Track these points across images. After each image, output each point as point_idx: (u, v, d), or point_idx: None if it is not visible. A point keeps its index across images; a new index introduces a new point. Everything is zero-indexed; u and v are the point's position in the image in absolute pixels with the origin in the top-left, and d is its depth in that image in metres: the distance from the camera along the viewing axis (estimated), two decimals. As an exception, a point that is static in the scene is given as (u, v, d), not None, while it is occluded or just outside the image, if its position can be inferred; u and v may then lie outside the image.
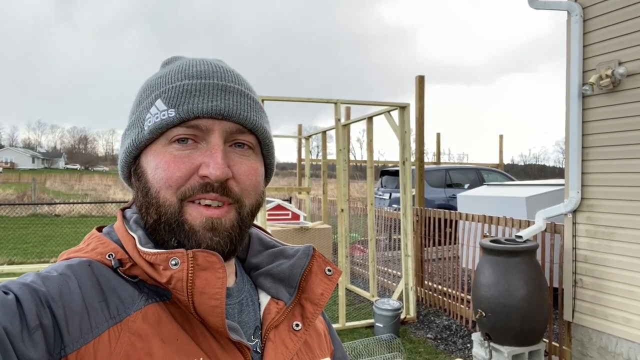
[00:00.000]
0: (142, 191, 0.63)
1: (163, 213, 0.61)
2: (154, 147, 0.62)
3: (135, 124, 0.65)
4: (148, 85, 0.67)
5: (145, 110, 0.63)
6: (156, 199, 0.61)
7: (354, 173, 19.00)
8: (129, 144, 0.64)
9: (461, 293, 5.19)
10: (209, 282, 0.57)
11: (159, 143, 0.62)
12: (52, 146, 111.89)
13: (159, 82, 0.65)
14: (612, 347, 3.56)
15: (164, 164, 0.60)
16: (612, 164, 3.58)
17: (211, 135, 0.61)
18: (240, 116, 0.62)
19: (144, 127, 0.62)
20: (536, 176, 50.51)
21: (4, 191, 21.84)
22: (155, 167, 0.61)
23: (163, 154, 0.61)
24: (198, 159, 0.60)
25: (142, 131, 0.62)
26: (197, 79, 0.62)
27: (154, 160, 0.62)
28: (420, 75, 6.05)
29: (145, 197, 0.62)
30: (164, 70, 0.68)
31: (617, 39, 3.51)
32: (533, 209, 4.56)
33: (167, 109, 0.60)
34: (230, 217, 0.62)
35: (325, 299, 0.71)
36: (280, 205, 7.71)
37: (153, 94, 0.64)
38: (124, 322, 0.56)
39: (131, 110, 0.68)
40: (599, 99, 3.66)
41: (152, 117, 0.61)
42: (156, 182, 0.61)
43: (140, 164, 0.64)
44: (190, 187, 0.60)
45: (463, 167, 12.56)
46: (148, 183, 0.62)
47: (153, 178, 0.61)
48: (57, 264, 0.60)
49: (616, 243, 3.53)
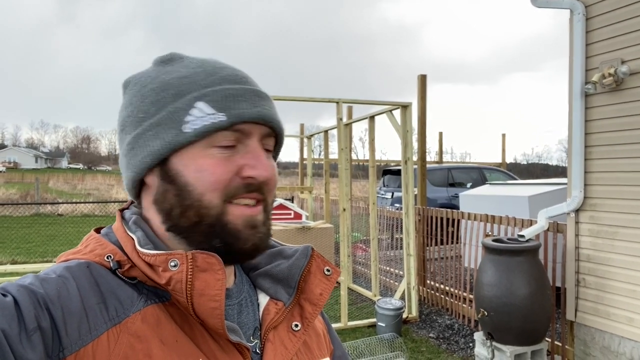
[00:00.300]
0: (176, 194, 0.62)
1: (206, 215, 0.61)
2: (191, 149, 0.61)
3: (166, 125, 0.62)
4: (168, 84, 0.63)
5: (180, 111, 0.61)
6: (199, 201, 0.60)
7: (356, 172, 18.99)
8: (162, 145, 0.61)
9: (463, 292, 5.18)
10: (208, 283, 0.57)
11: (198, 146, 0.61)
12: (55, 146, 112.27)
13: (187, 83, 0.63)
14: (615, 346, 3.55)
15: (210, 167, 0.60)
16: (615, 163, 3.56)
17: (250, 138, 0.63)
18: (274, 121, 0.65)
19: (183, 129, 0.60)
20: (539, 175, 50.40)
21: (7, 191, 21.91)
22: (199, 170, 0.60)
23: (206, 157, 0.61)
24: (240, 161, 0.62)
25: (182, 133, 0.60)
26: (235, 84, 0.63)
27: (194, 163, 0.61)
28: (422, 74, 6.03)
29: (183, 200, 0.61)
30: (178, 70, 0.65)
31: (620, 38, 3.50)
32: (535, 208, 4.55)
33: (215, 112, 0.60)
34: (262, 214, 0.65)
35: (324, 299, 0.70)
36: (282, 205, 7.71)
37: (188, 96, 0.62)
38: (123, 324, 0.56)
39: (141, 110, 0.64)
40: (601, 98, 3.64)
41: (197, 119, 0.60)
42: (200, 185, 0.60)
43: (172, 166, 0.62)
44: (234, 188, 0.61)
45: (465, 166, 12.55)
46: (189, 186, 0.61)
47: (197, 181, 0.60)
48: (56, 266, 0.60)
49: (619, 242, 3.52)
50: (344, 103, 5.20)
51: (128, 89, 0.67)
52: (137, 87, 0.66)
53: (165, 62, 0.67)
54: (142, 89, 0.65)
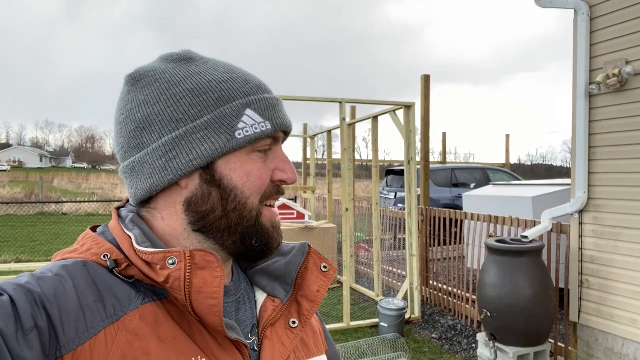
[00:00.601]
0: (221, 196, 0.63)
1: (247, 217, 0.64)
2: (237, 154, 0.63)
3: (216, 129, 0.62)
4: (206, 87, 0.63)
5: (231, 117, 0.62)
6: (244, 205, 0.64)
7: (359, 172, 18.96)
8: (212, 149, 0.61)
9: (466, 293, 5.17)
10: (206, 281, 0.57)
11: (244, 150, 0.64)
12: (59, 145, 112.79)
13: (228, 88, 0.63)
14: (618, 348, 3.53)
15: (257, 172, 0.64)
16: (619, 164, 3.55)
17: (277, 145, 0.68)
18: (291, 128, 0.70)
19: (237, 135, 0.62)
20: (543, 176, 50.22)
21: (12, 190, 22.02)
22: (247, 174, 0.64)
23: (252, 162, 0.64)
24: (271, 165, 0.66)
25: (234, 138, 0.62)
26: (269, 94, 0.67)
27: (242, 168, 0.64)
28: (426, 75, 6.02)
29: (228, 202, 0.63)
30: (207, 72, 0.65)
31: (625, 38, 3.48)
32: (539, 209, 4.54)
33: (263, 121, 0.64)
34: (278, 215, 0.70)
35: (322, 296, 0.71)
36: (285, 205, 7.71)
37: (235, 102, 0.63)
38: (121, 322, 0.56)
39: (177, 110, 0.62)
40: (606, 98, 3.63)
41: (249, 127, 0.63)
42: (247, 189, 0.64)
43: (218, 170, 0.63)
44: (269, 191, 0.66)
45: (469, 166, 12.51)
46: (237, 189, 0.63)
47: (244, 185, 0.63)
48: (52, 265, 0.59)
49: (623, 243, 3.50)
50: (347, 103, 5.20)
51: (143, 85, 0.64)
52: (161, 85, 0.63)
53: (185, 60, 0.66)
54: (173, 87, 0.63)
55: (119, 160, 0.68)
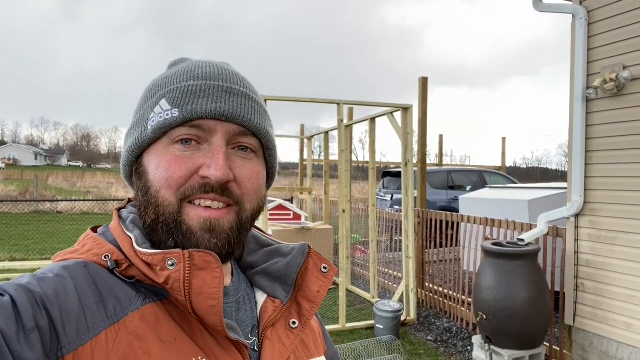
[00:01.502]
0: (142, 190, 0.63)
1: (161, 213, 0.61)
2: (156, 146, 0.63)
3: (139, 123, 0.65)
4: (153, 85, 0.67)
5: (149, 109, 0.63)
6: (155, 198, 0.61)
7: (355, 174, 18.98)
8: (132, 143, 0.64)
9: (462, 295, 5.18)
10: (206, 282, 0.57)
11: (162, 143, 0.62)
12: (55, 143, 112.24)
13: (164, 82, 0.65)
14: (613, 351, 3.55)
15: (165, 163, 0.61)
16: (615, 168, 3.56)
17: (214, 136, 0.61)
18: (244, 119, 0.62)
19: (147, 126, 0.62)
20: (539, 179, 50.43)
21: (7, 187, 21.89)
22: (157, 166, 0.61)
23: (165, 154, 0.61)
24: (200, 160, 0.61)
25: (146, 130, 0.62)
26: (202, 80, 0.62)
27: (155, 160, 0.62)
28: (424, 77, 6.04)
29: (145, 197, 0.62)
30: (170, 71, 0.68)
31: (622, 43, 3.50)
32: (535, 212, 4.55)
33: (171, 108, 0.61)
34: (230, 219, 0.62)
35: (322, 297, 0.71)
36: (281, 205, 7.71)
37: (158, 94, 0.64)
38: (122, 322, 0.55)
39: (136, 110, 0.68)
40: (603, 103, 3.64)
41: (156, 116, 0.62)
42: (157, 182, 0.61)
43: (142, 163, 0.64)
44: (189, 187, 0.60)
45: (465, 169, 12.55)
46: (149, 182, 0.62)
47: (154, 177, 0.61)
48: (53, 265, 0.59)
49: (619, 247, 3.51)
50: (344, 104, 5.20)
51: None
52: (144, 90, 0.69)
53: (171, 65, 0.70)
54: (143, 91, 0.69)
55: None
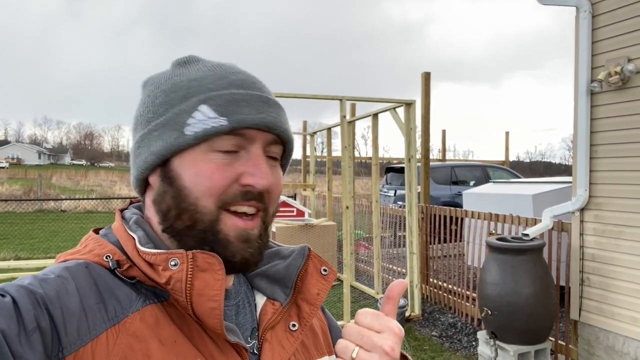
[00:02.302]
0: (172, 195, 0.62)
1: (199, 221, 0.60)
2: (192, 152, 0.61)
3: (170, 126, 0.62)
4: (177, 86, 0.64)
5: (185, 114, 0.61)
6: (194, 205, 0.60)
7: (358, 170, 18.94)
8: (163, 147, 0.62)
9: (467, 291, 5.17)
10: (207, 283, 0.57)
11: (199, 149, 0.61)
12: (58, 142, 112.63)
13: (195, 85, 0.63)
14: (619, 346, 3.53)
15: (207, 171, 0.60)
16: (620, 162, 3.54)
17: (253, 145, 0.62)
18: (280, 129, 0.64)
19: (185, 131, 0.60)
20: (542, 173, 50.28)
21: (11, 187, 21.98)
22: (197, 174, 0.60)
23: (205, 162, 0.60)
24: (240, 168, 0.61)
25: (183, 135, 0.60)
26: (242, 89, 0.62)
27: (193, 167, 0.61)
28: (426, 72, 6.01)
29: (179, 202, 0.61)
30: (190, 72, 0.65)
31: (627, 35, 3.47)
32: (540, 207, 4.53)
33: (217, 116, 0.60)
34: (258, 226, 0.64)
35: (322, 299, 0.70)
36: (285, 202, 7.70)
37: (193, 98, 0.62)
38: (122, 324, 0.56)
39: (151, 110, 0.65)
40: (607, 96, 3.62)
41: (199, 123, 0.60)
42: (196, 190, 0.60)
43: (172, 168, 0.62)
44: (230, 195, 0.61)
45: (469, 164, 12.52)
46: (185, 189, 0.61)
47: (193, 185, 0.60)
48: (54, 267, 0.60)
49: (624, 242, 3.49)
50: (347, 100, 5.18)
51: (144, 89, 0.68)
52: (152, 87, 0.66)
53: (181, 64, 0.68)
54: (155, 89, 0.66)
55: None
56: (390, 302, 0.61)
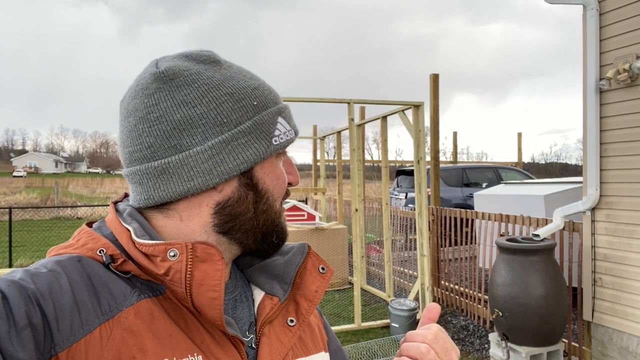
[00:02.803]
0: (254, 199, 0.66)
1: (272, 218, 0.68)
2: (269, 159, 0.67)
3: (257, 135, 0.64)
4: (244, 93, 0.64)
5: (268, 124, 0.66)
6: (272, 206, 0.68)
7: (370, 173, 18.91)
8: (255, 155, 0.63)
9: (478, 293, 5.13)
10: (207, 273, 0.57)
11: (273, 156, 0.68)
12: (74, 151, 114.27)
13: (261, 95, 0.66)
14: (633, 347, 3.48)
15: (282, 176, 0.69)
16: (631, 160, 3.49)
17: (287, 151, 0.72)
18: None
19: (272, 141, 0.66)
20: (558, 175, 49.53)
21: (28, 195, 22.38)
22: (277, 178, 0.68)
23: (278, 166, 0.69)
24: (283, 169, 0.71)
25: (272, 145, 0.66)
26: (284, 102, 0.71)
27: (273, 172, 0.68)
28: (435, 74, 6.00)
29: (259, 205, 0.66)
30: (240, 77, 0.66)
31: (635, 33, 3.43)
32: (551, 207, 4.48)
33: (291, 129, 0.69)
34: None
35: (320, 296, 0.71)
36: (295, 206, 7.73)
37: (271, 109, 0.67)
38: (116, 319, 0.55)
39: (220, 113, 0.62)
40: (616, 94, 3.58)
41: (282, 134, 0.67)
42: (276, 192, 0.68)
43: (255, 174, 0.66)
44: (284, 193, 0.71)
45: (480, 165, 12.42)
46: (268, 192, 0.67)
47: (274, 188, 0.68)
48: (46, 260, 0.58)
49: (636, 241, 3.44)
50: (355, 104, 5.20)
51: (178, 84, 0.62)
52: (201, 86, 0.62)
53: (214, 63, 0.66)
54: (213, 90, 0.63)
55: (139, 160, 0.63)
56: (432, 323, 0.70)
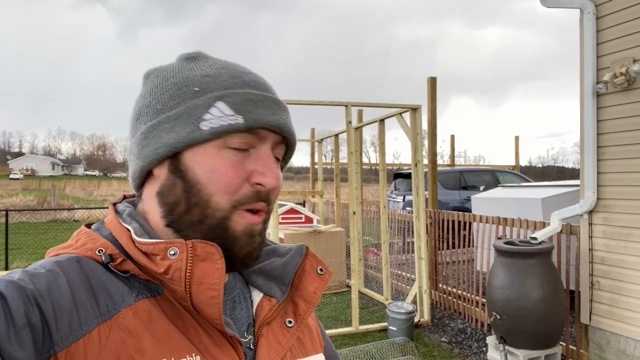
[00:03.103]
0: (184, 189, 0.62)
1: (210, 216, 0.61)
2: (206, 148, 0.61)
3: (184, 120, 0.62)
4: (190, 80, 0.64)
5: (200, 108, 0.62)
6: (207, 202, 0.61)
7: (368, 176, 18.92)
8: (176, 139, 0.62)
9: (476, 296, 5.13)
10: (207, 272, 0.57)
11: (213, 145, 0.61)
12: (71, 153, 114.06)
13: (209, 82, 0.63)
14: (630, 350, 3.48)
15: (223, 169, 0.61)
16: (628, 163, 3.51)
17: (264, 144, 0.63)
18: (290, 132, 0.66)
19: (202, 126, 0.61)
20: (555, 178, 49.66)
21: (25, 198, 22.32)
22: (212, 170, 0.61)
23: (220, 158, 0.61)
24: (250, 166, 0.62)
25: (199, 130, 0.61)
26: (257, 90, 0.64)
27: (208, 162, 0.61)
28: (432, 77, 6.02)
29: (190, 197, 0.62)
30: (201, 68, 0.66)
31: (632, 36, 3.45)
32: (549, 210, 4.49)
33: (234, 114, 0.61)
34: (262, 224, 0.65)
35: (318, 297, 0.71)
36: (293, 209, 7.72)
37: (209, 94, 0.62)
38: (114, 319, 0.55)
39: (160, 101, 0.64)
40: (613, 97, 3.59)
41: (216, 119, 0.61)
42: (211, 186, 0.61)
43: (184, 162, 0.62)
44: (244, 196, 0.62)
45: (478, 168, 12.44)
46: (199, 184, 0.61)
47: (208, 181, 0.61)
48: (45, 261, 0.59)
49: (633, 244, 3.45)
50: (353, 106, 5.20)
51: (149, 80, 0.67)
52: (158, 79, 0.66)
53: (190, 59, 0.68)
54: (164, 81, 0.65)
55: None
56: None
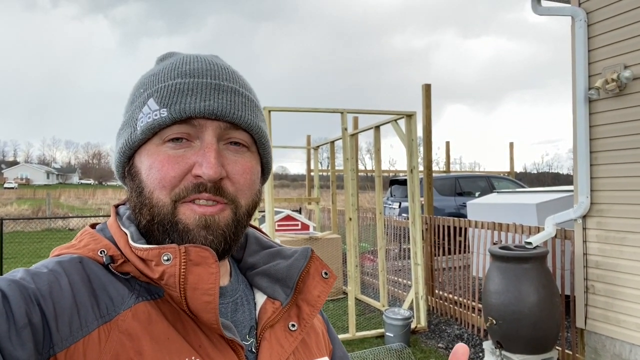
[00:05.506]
0: (135, 191, 0.62)
1: (157, 214, 0.60)
2: (147, 146, 0.61)
3: (129, 124, 0.63)
4: (141, 83, 0.65)
5: (137, 109, 0.62)
6: (149, 199, 0.60)
7: (364, 183, 18.96)
8: (123, 144, 0.63)
9: (472, 301, 5.14)
10: (201, 277, 0.57)
11: (153, 142, 0.61)
12: (66, 162, 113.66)
13: (151, 80, 0.64)
14: (626, 354, 3.50)
15: (158, 164, 0.60)
16: (621, 168, 3.54)
17: (204, 133, 0.60)
18: (234, 115, 0.61)
19: (137, 127, 0.61)
20: (550, 184, 49.81)
21: (20, 207, 22.18)
22: (149, 167, 0.60)
23: (157, 154, 0.60)
24: (192, 158, 0.60)
25: (135, 131, 0.61)
26: (189, 78, 0.61)
27: (147, 160, 0.61)
28: (427, 84, 6.06)
29: (139, 197, 0.62)
30: (157, 67, 0.66)
31: (622, 43, 3.50)
32: (544, 215, 4.52)
33: (159, 108, 0.59)
34: (225, 216, 0.61)
35: (322, 301, 0.70)
36: (289, 216, 7.73)
37: (145, 93, 0.62)
38: (114, 321, 0.55)
39: (125, 109, 0.66)
40: (605, 103, 3.64)
41: (145, 116, 0.60)
42: (150, 183, 0.60)
43: (135, 164, 0.63)
44: (184, 188, 0.59)
45: (473, 175, 12.50)
46: (142, 183, 0.61)
47: (147, 178, 0.60)
48: (47, 260, 0.59)
49: (628, 248, 3.48)
50: (348, 113, 5.23)
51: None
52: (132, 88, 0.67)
53: (159, 60, 0.69)
54: (132, 89, 0.67)
55: None
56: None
